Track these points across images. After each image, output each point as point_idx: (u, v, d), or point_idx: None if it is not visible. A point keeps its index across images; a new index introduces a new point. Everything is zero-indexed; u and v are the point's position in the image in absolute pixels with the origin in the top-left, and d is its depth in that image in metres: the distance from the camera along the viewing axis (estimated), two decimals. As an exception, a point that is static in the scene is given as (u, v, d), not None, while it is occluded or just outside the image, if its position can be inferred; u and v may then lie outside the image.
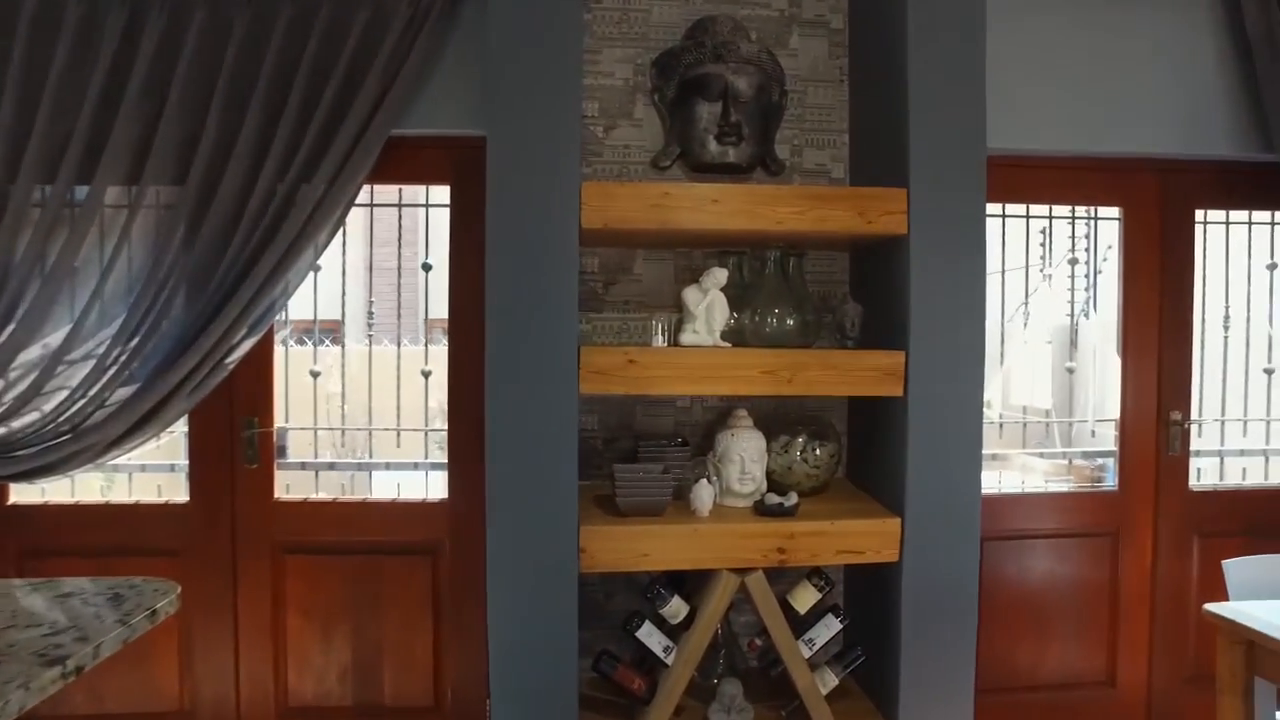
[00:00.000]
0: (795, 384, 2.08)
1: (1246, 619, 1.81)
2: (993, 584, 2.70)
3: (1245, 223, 3.01)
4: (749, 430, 2.22)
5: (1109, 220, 2.88)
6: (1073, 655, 2.85)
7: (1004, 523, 2.76)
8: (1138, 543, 2.88)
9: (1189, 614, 2.92)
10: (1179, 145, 2.68)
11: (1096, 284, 3.36)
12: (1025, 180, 2.74)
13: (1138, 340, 2.86)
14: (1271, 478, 3.15)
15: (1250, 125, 2.70)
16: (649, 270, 2.46)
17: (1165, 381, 2.88)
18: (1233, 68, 2.69)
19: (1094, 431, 3.09)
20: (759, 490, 2.22)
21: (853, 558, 2.12)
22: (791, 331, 2.21)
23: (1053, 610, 2.82)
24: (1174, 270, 2.87)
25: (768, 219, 2.08)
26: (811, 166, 2.53)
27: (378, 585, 2.49)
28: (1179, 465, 2.91)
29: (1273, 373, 3.11)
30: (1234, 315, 3.07)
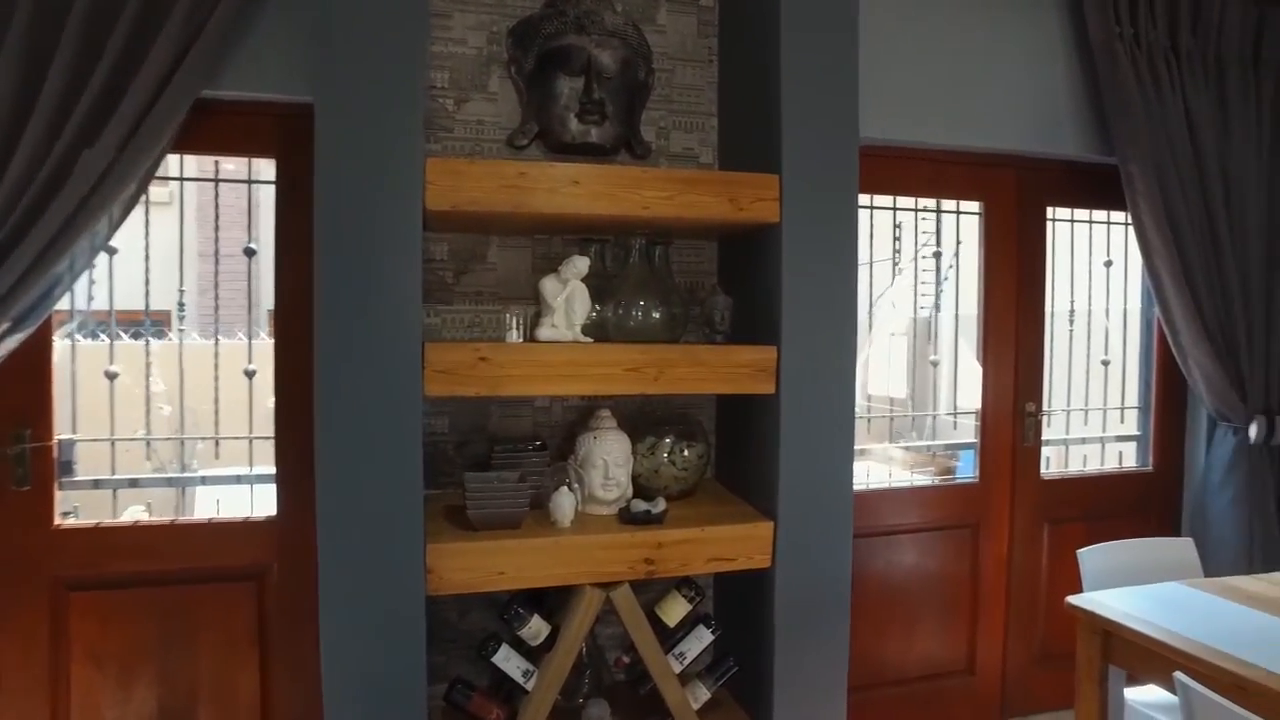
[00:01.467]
0: (662, 382, 1.94)
1: (1103, 609, 1.81)
2: (860, 581, 2.67)
3: (1087, 221, 3.12)
4: (613, 432, 2.06)
5: (958, 215, 2.91)
6: (937, 646, 2.87)
7: (870, 519, 2.73)
8: (996, 532, 2.93)
9: (1040, 598, 3.01)
10: (1034, 144, 2.74)
11: (946, 279, 3.44)
12: (892, 172, 2.72)
13: (997, 333, 2.91)
14: (1108, 463, 3.29)
15: (1094, 128, 2.79)
16: (504, 259, 2.26)
17: (1022, 374, 2.95)
18: (1079, 73, 2.77)
19: (956, 424, 3.14)
20: (624, 496, 2.07)
21: (725, 565, 2.00)
22: (658, 325, 2.06)
23: (918, 604, 2.83)
24: (1029, 265, 2.94)
25: (633, 203, 1.92)
26: (679, 150, 2.39)
27: (191, 620, 2.14)
28: (1032, 455, 2.99)
29: (1109, 364, 3.25)
30: (1077, 309, 3.19)
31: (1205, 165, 2.75)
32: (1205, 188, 2.76)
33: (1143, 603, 1.86)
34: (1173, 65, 2.73)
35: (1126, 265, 3.20)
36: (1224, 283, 2.80)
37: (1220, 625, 1.74)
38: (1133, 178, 2.68)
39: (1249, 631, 1.71)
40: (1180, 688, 1.40)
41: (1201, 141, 2.75)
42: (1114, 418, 3.31)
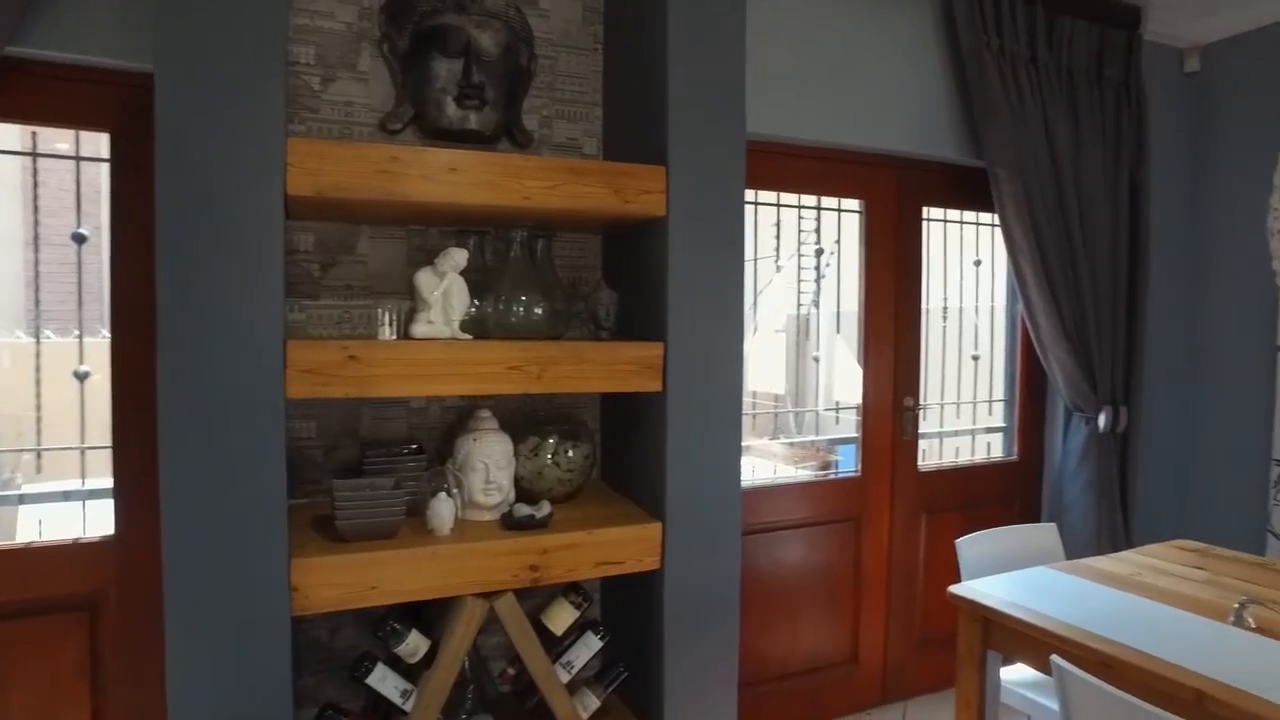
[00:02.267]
0: (545, 380, 1.86)
1: (983, 598, 1.86)
2: (748, 578, 2.67)
3: (959, 221, 3.25)
4: (494, 433, 1.96)
5: (839, 212, 2.97)
6: (822, 639, 2.91)
7: (757, 515, 2.74)
8: (877, 524, 3.00)
9: (918, 586, 3.11)
10: (912, 145, 2.81)
11: (823, 276, 3.51)
12: (777, 168, 2.73)
13: (877, 330, 2.98)
14: (978, 454, 3.44)
15: (966, 132, 2.90)
16: (376, 250, 2.11)
17: (900, 369, 3.03)
18: (952, 79, 2.87)
19: (838, 419, 3.20)
20: (507, 501, 1.97)
21: (613, 569, 1.94)
22: (540, 322, 1.97)
23: (804, 598, 2.86)
24: (907, 263, 3.02)
25: (514, 193, 1.82)
26: (562, 140, 2.31)
27: (7, 662, 1.89)
28: (911, 448, 3.08)
29: (979, 359, 3.40)
30: (950, 307, 3.32)
31: (1061, 171, 2.91)
32: (1061, 192, 2.92)
33: (1016, 589, 1.92)
34: (1033, 76, 2.86)
35: (994, 265, 3.35)
36: (1078, 282, 2.97)
37: (1084, 606, 1.81)
38: (1000, 180, 2.79)
39: (1108, 610, 1.79)
40: (1056, 670, 1.44)
41: (1058, 148, 2.90)
42: (983, 410, 3.46)
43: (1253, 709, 1.36)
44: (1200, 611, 1.80)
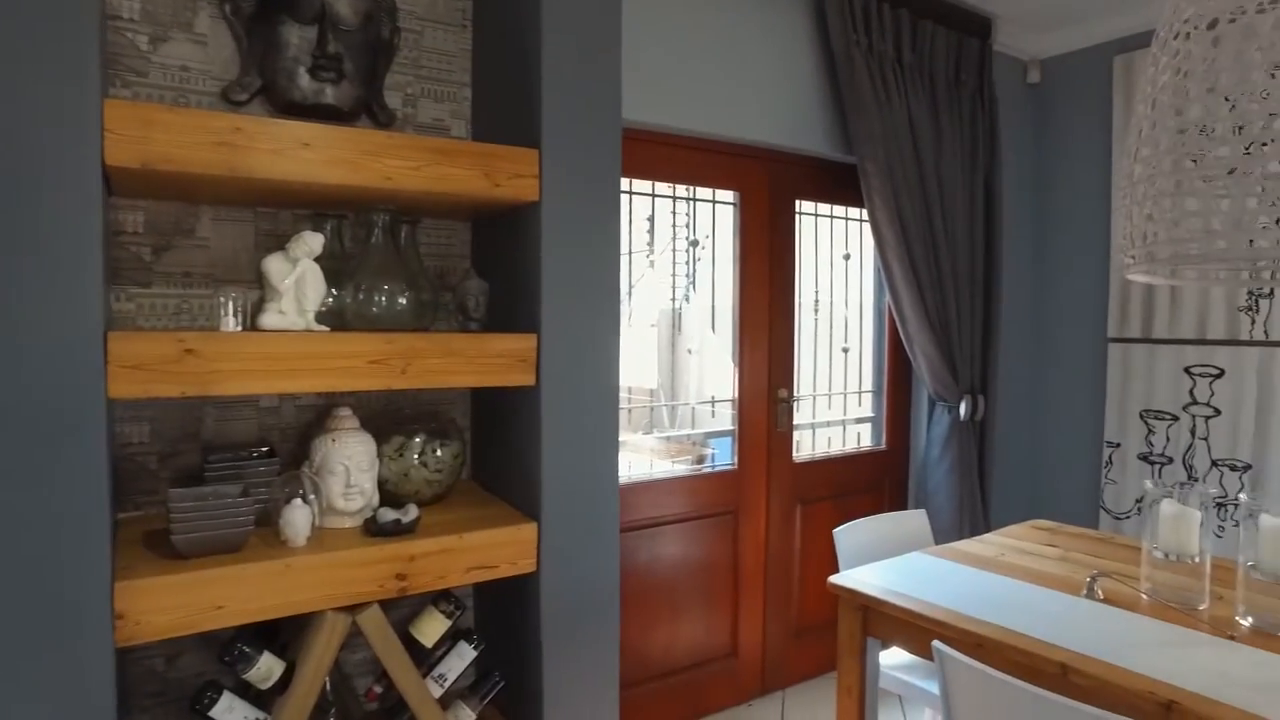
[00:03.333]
0: (411, 375, 1.73)
1: (861, 586, 1.88)
2: (627, 576, 2.62)
3: (829, 216, 3.32)
4: (355, 433, 1.82)
5: (713, 204, 2.97)
6: (702, 633, 2.90)
7: (634, 512, 2.69)
8: (754, 517, 3.02)
9: (794, 576, 3.15)
10: (786, 138, 2.83)
11: (697, 269, 3.50)
12: (652, 157, 2.69)
13: (752, 322, 2.99)
14: (848, 444, 3.53)
15: (837, 127, 2.96)
16: (220, 233, 1.91)
17: (775, 362, 3.06)
18: (824, 75, 2.92)
19: (714, 412, 3.20)
20: (370, 505, 1.83)
21: (486, 574, 1.83)
22: (405, 312, 1.84)
23: (683, 593, 2.84)
24: (780, 256, 3.05)
25: (375, 173, 1.69)
26: (428, 121, 2.18)
27: None
28: (785, 440, 3.12)
29: (848, 350, 3.48)
30: (821, 300, 3.38)
31: (925, 169, 3.02)
32: (925, 189, 3.03)
33: (892, 575, 1.95)
34: (899, 76, 2.95)
35: (862, 259, 3.44)
36: (941, 276, 3.09)
37: (956, 588, 1.86)
38: (869, 175, 2.86)
39: (977, 591, 1.85)
40: (937, 655, 1.45)
41: (922, 147, 3.00)
42: (853, 401, 3.56)
43: (1109, 676, 1.42)
44: (1057, 587, 1.88)
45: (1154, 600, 1.80)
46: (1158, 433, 3.28)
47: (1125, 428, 3.38)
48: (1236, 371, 3.06)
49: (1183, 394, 3.21)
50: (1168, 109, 1.52)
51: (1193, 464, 3.19)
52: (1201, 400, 3.16)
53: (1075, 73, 3.53)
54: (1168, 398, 3.25)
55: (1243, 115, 1.42)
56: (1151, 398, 3.30)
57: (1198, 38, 1.47)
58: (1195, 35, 1.47)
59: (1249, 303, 3.02)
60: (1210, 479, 3.15)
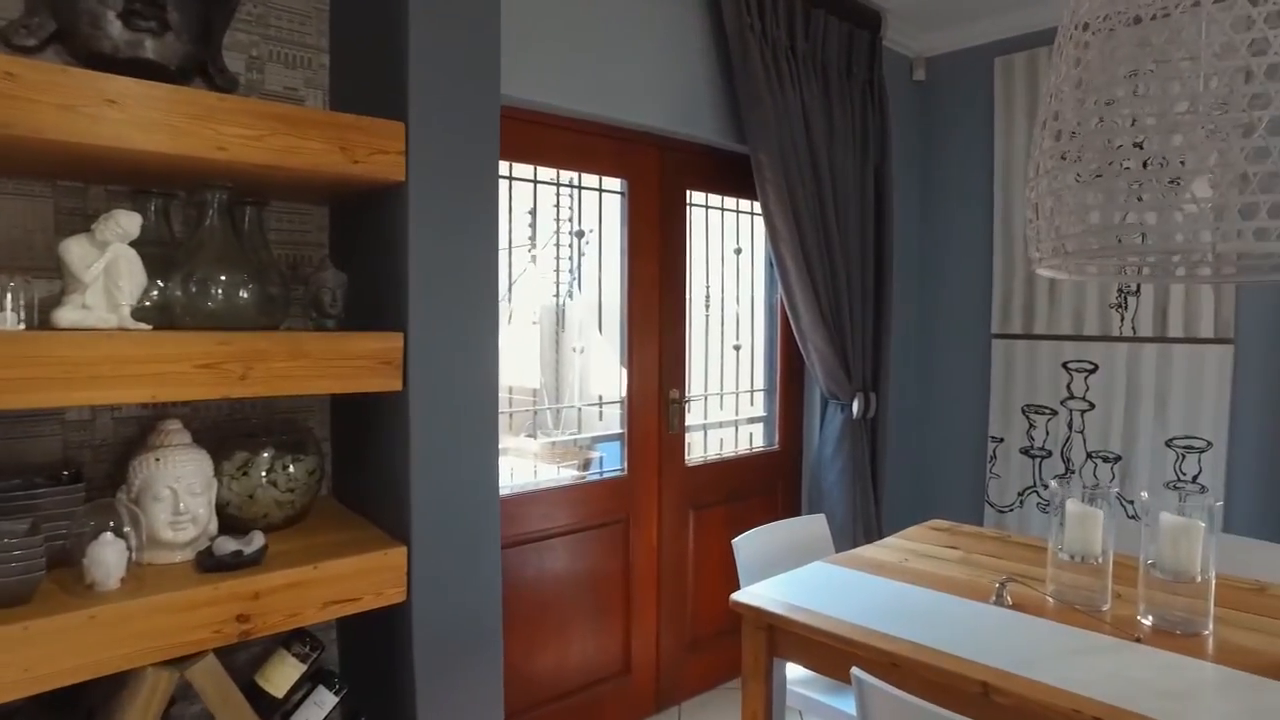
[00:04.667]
0: (253, 381, 1.46)
1: (766, 603, 1.75)
2: (511, 595, 2.41)
3: (719, 208, 3.20)
4: (185, 449, 1.53)
5: (600, 193, 2.79)
6: (593, 651, 2.72)
7: (518, 525, 2.48)
8: (645, 524, 2.87)
9: (688, 585, 3.02)
10: (676, 124, 2.69)
11: (583, 262, 3.33)
12: (534, 138, 2.48)
13: (642, 319, 2.83)
14: (741, 445, 3.44)
15: (729, 115, 2.84)
16: (2, 209, 1.58)
17: (666, 361, 2.91)
18: (716, 59, 2.79)
19: (601, 414, 3.03)
20: (206, 534, 1.55)
21: (348, 608, 1.59)
22: (248, 308, 1.57)
23: (572, 610, 2.65)
24: (671, 248, 2.91)
25: (205, 141, 1.41)
26: (278, 89, 1.90)
27: None
28: (677, 443, 2.98)
29: (740, 348, 3.39)
30: (712, 295, 3.27)
31: (818, 160, 2.94)
32: (819, 181, 2.96)
33: (797, 590, 1.84)
34: (793, 65, 2.86)
35: (753, 253, 3.35)
36: (834, 271, 3.03)
37: (864, 601, 1.76)
38: (762, 166, 2.76)
39: (887, 603, 1.76)
40: (856, 683, 1.33)
41: (815, 139, 2.93)
42: (744, 400, 3.46)
43: (1032, 694, 1.35)
44: (965, 593, 1.81)
45: (1059, 603, 1.75)
46: (1038, 427, 3.35)
47: (1008, 422, 3.44)
48: (1109, 366, 3.15)
49: (1061, 389, 3.28)
50: (1067, 108, 1.48)
51: (1070, 456, 3.27)
52: (1078, 394, 3.24)
53: (958, 72, 3.56)
54: (1047, 392, 3.32)
55: (1134, 115, 1.40)
56: (1033, 393, 3.36)
57: (1094, 42, 1.43)
58: (1093, 40, 1.43)
59: (1119, 300, 3.12)
60: (1085, 470, 3.23)
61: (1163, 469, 3.04)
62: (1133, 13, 1.40)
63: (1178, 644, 1.57)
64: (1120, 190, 1.42)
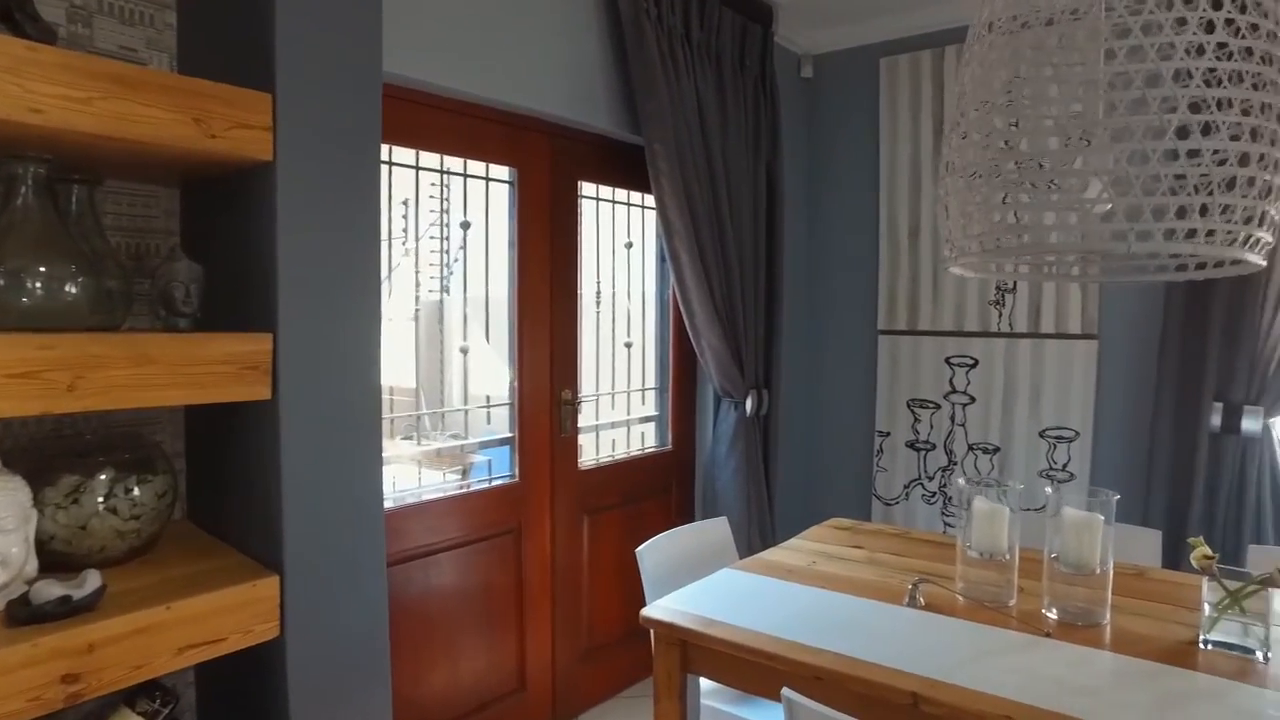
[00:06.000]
0: (86, 392, 1.23)
1: (678, 618, 1.65)
2: (397, 617, 2.21)
3: (610, 201, 3.09)
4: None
5: (487, 181, 2.62)
6: (486, 669, 2.55)
7: (403, 540, 2.29)
8: (538, 533, 2.72)
9: (583, 593, 2.89)
10: (568, 111, 2.55)
11: (457, 259, 3.14)
12: (418, 121, 2.28)
13: (532, 316, 2.68)
14: (633, 446, 3.35)
15: (623, 104, 2.73)
16: None
17: (557, 360, 2.77)
18: (610, 45, 2.67)
19: (489, 417, 2.86)
20: (20, 579, 1.29)
21: (209, 651, 1.37)
22: (78, 305, 1.33)
23: (463, 628, 2.47)
24: (562, 242, 2.77)
25: (12, 100, 1.17)
26: (111, 48, 1.63)
27: None
28: (570, 446, 2.85)
29: (631, 346, 3.29)
30: (603, 291, 3.15)
31: (712, 153, 2.88)
32: (713, 175, 2.89)
33: (708, 600, 1.75)
34: (688, 54, 2.78)
35: (644, 247, 3.26)
36: (728, 266, 2.98)
37: (778, 610, 1.70)
38: (656, 157, 2.66)
39: (802, 611, 1.70)
40: (787, 705, 1.25)
41: (710, 131, 2.86)
42: (636, 399, 3.37)
43: (961, 703, 1.32)
44: (878, 596, 1.78)
45: (969, 600, 1.74)
46: (923, 420, 3.43)
47: (894, 417, 3.51)
48: (988, 361, 3.26)
49: (944, 383, 3.37)
50: (972, 110, 1.47)
51: (953, 449, 3.37)
52: (960, 389, 3.34)
53: (845, 71, 3.60)
54: (931, 387, 3.40)
55: (1031, 119, 1.41)
56: (917, 387, 3.44)
57: (995, 42, 1.43)
58: (996, 43, 1.43)
59: (997, 297, 3.23)
60: (967, 462, 3.33)
61: (1037, 459, 3.17)
62: (1029, 18, 1.40)
63: (1081, 636, 1.58)
64: (1015, 189, 1.42)
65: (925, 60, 3.33)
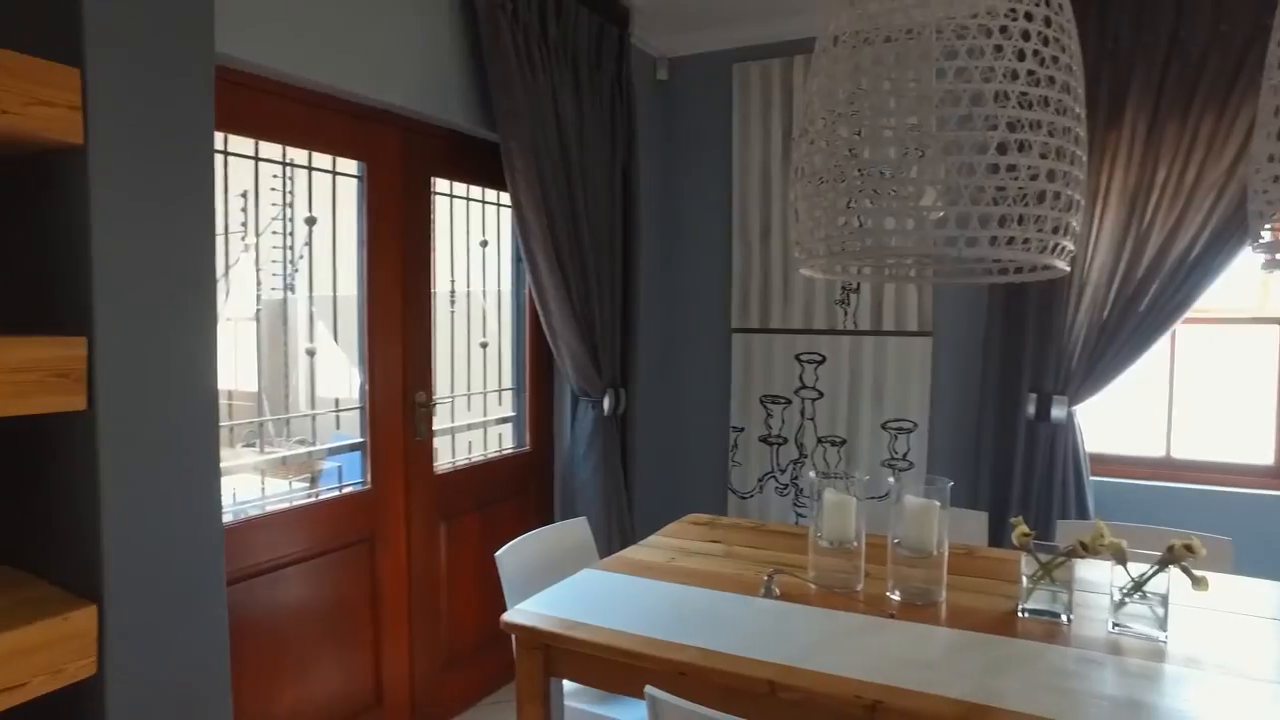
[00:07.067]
0: None
1: (540, 621, 1.63)
2: (240, 640, 2.06)
3: (465, 198, 3.02)
4: None
5: (334, 175, 2.50)
6: (340, 687, 2.42)
7: (244, 557, 2.13)
8: (393, 541, 2.62)
9: (441, 601, 2.81)
10: (420, 104, 2.46)
11: (301, 256, 2.97)
12: (257, 108, 2.13)
13: (384, 316, 2.58)
14: (490, 448, 3.29)
15: (478, 100, 2.66)
16: None
17: (411, 361, 2.67)
18: (465, 38, 2.60)
19: (339, 421, 2.72)
20: None
21: (7, 700, 1.22)
22: None
23: (313, 645, 2.34)
24: (415, 239, 2.67)
25: None
26: (-120, 11, 1.42)
27: None
28: (425, 450, 2.76)
29: (487, 345, 3.23)
30: (458, 290, 3.07)
31: (568, 152, 2.87)
32: (569, 175, 2.88)
33: (570, 602, 1.74)
34: (545, 52, 2.75)
35: (499, 246, 3.20)
36: (585, 266, 2.98)
37: (641, 608, 1.71)
38: (512, 156, 2.62)
39: (664, 607, 1.72)
40: (651, 702, 1.25)
41: (566, 131, 2.85)
42: (493, 400, 3.31)
43: (815, 686, 1.37)
44: (735, 589, 1.83)
45: (821, 588, 1.82)
46: (775, 415, 3.56)
47: (748, 413, 3.63)
48: (834, 358, 3.43)
49: (794, 379, 3.52)
50: (819, 118, 1.54)
51: (803, 442, 3.52)
52: (809, 385, 3.49)
53: (700, 75, 3.67)
54: (782, 383, 3.54)
55: (873, 129, 1.49)
56: (769, 383, 3.57)
57: (840, 55, 1.50)
58: (840, 54, 1.50)
59: (842, 297, 3.40)
60: (816, 455, 3.49)
61: (880, 449, 3.37)
62: (870, 34, 1.49)
63: (921, 614, 1.69)
64: (859, 196, 1.50)
65: (776, 69, 3.45)
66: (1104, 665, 1.46)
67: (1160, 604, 1.57)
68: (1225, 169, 2.68)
